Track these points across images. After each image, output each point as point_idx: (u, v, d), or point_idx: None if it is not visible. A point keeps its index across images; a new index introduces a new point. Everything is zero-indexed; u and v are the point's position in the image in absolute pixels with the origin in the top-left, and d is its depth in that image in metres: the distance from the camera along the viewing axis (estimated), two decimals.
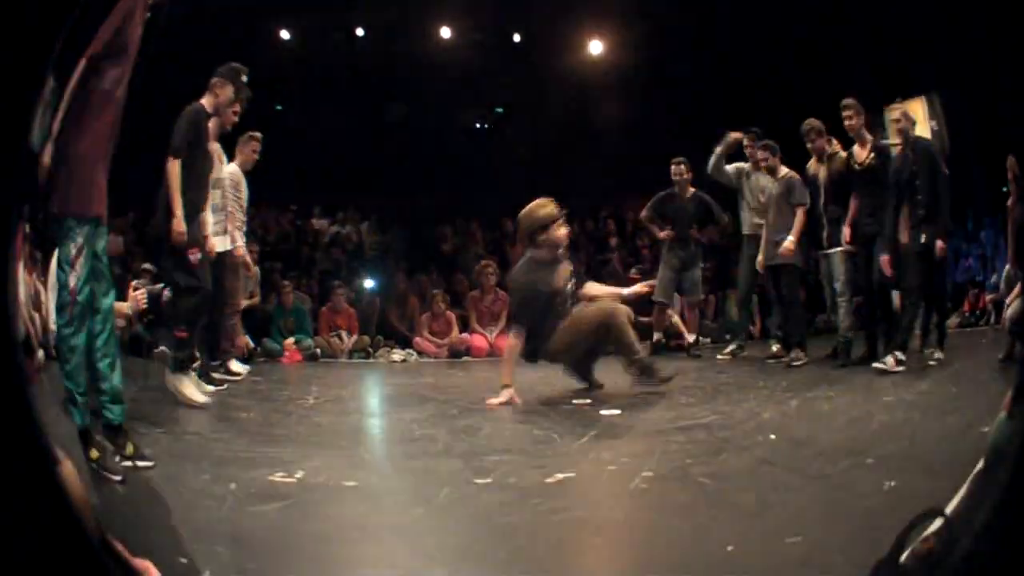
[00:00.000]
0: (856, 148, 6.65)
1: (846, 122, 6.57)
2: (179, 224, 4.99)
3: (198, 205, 5.28)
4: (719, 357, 7.62)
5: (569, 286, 5.67)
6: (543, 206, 5.66)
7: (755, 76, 10.65)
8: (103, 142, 3.44)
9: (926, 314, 6.51)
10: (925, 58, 8.62)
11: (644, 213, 8.22)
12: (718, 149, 7.68)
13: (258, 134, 6.82)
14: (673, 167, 7.97)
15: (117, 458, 3.44)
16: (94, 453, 3.33)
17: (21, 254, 2.12)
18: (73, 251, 3.38)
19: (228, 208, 6.36)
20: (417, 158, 12.42)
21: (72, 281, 3.37)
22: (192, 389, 5.15)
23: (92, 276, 3.46)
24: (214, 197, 5.99)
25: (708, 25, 10.87)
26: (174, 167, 5.01)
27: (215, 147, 5.93)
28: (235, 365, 6.67)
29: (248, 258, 6.66)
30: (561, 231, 5.64)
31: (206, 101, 5.31)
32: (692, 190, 7.98)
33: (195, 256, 5.09)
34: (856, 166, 6.59)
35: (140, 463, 3.55)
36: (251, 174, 6.78)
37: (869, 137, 6.62)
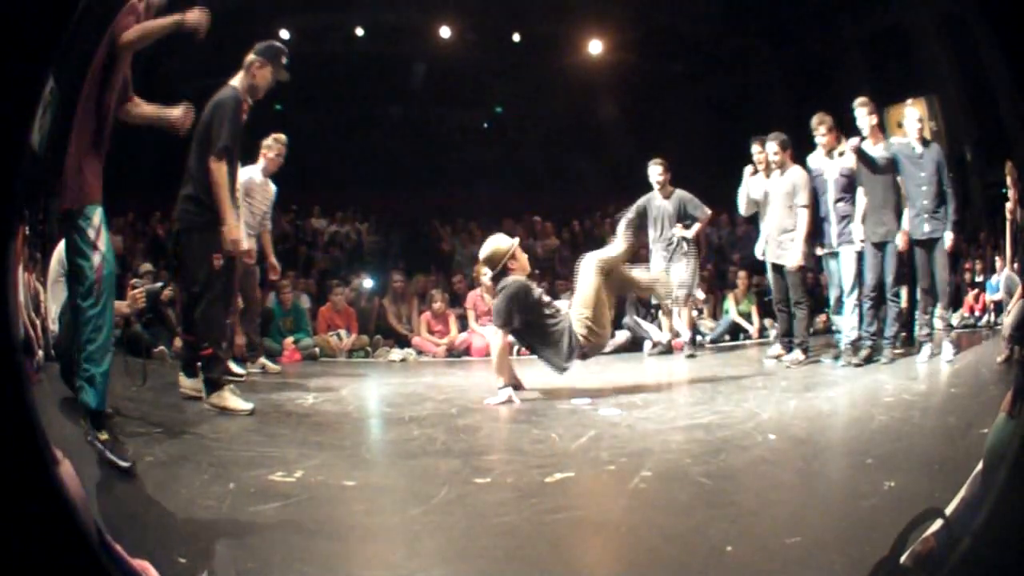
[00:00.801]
0: (869, 145, 6.62)
1: (859, 122, 6.56)
2: (236, 231, 4.77)
3: (234, 206, 5.02)
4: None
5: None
6: (501, 241, 5.95)
7: (755, 76, 10.65)
8: (105, 137, 3.47)
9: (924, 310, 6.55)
10: (925, 58, 8.60)
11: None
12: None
13: (283, 136, 6.70)
14: (650, 168, 7.89)
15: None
16: (104, 435, 3.33)
17: (21, 255, 2.12)
18: (92, 233, 3.39)
19: (252, 209, 6.37)
20: (416, 158, 12.42)
21: (97, 259, 3.38)
22: (234, 399, 4.89)
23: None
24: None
25: (708, 25, 10.87)
26: (221, 168, 4.71)
27: None
28: (234, 366, 6.67)
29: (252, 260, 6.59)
30: (524, 255, 5.95)
31: (239, 83, 4.97)
32: (672, 189, 7.90)
33: (219, 262, 4.86)
34: (868, 163, 6.56)
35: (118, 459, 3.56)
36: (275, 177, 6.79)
37: (882, 135, 6.61)
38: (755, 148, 7.39)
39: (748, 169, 7.44)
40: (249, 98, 5.02)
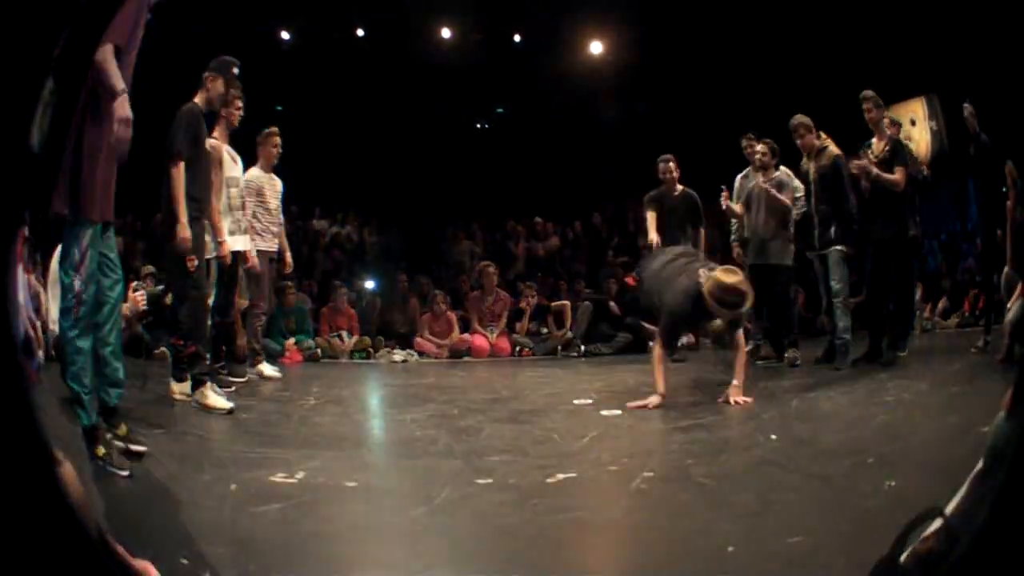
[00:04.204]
0: (874, 141, 6.59)
1: (866, 114, 6.52)
2: (184, 230, 4.93)
3: (203, 207, 5.25)
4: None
5: None
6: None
7: (755, 75, 10.66)
8: (111, 146, 3.45)
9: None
10: (925, 58, 8.61)
11: (647, 211, 7.83)
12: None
13: (275, 128, 6.79)
14: (661, 165, 7.74)
15: (109, 436, 3.50)
16: (101, 450, 3.36)
17: (21, 255, 2.13)
18: (78, 255, 3.38)
19: (249, 210, 6.37)
20: (418, 158, 12.43)
21: (77, 285, 3.38)
22: (216, 398, 5.02)
23: (100, 271, 3.48)
24: (230, 197, 5.99)
25: (708, 24, 10.87)
26: (177, 171, 4.96)
27: (224, 147, 5.91)
28: (266, 368, 6.70)
29: (255, 260, 6.58)
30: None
31: (199, 98, 5.29)
32: (681, 187, 7.76)
33: (192, 263, 5.01)
34: (873, 159, 6.53)
35: (133, 446, 3.59)
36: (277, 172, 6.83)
37: (887, 131, 6.57)
38: (744, 143, 7.41)
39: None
40: (211, 109, 5.44)
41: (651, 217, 7.74)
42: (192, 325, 5.12)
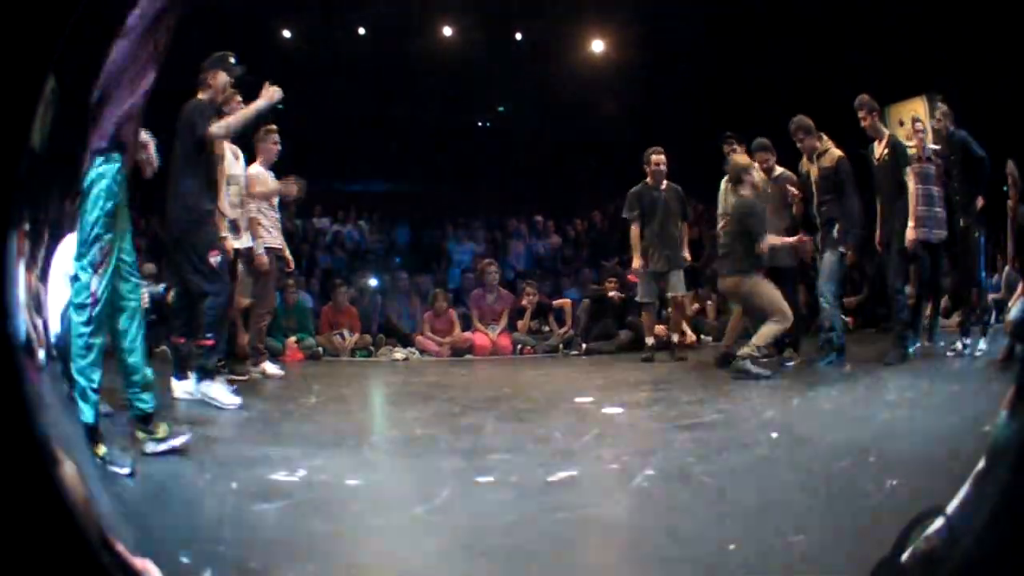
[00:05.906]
0: (874, 144, 6.58)
1: (862, 122, 6.50)
2: (223, 204, 5.15)
3: (212, 203, 5.25)
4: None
5: None
6: None
7: (756, 74, 10.64)
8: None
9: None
10: (925, 58, 8.58)
11: (628, 213, 7.63)
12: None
13: (273, 126, 6.76)
14: (655, 157, 7.49)
15: (146, 438, 3.61)
16: (101, 449, 3.35)
17: (22, 254, 2.13)
18: (99, 255, 3.39)
19: (250, 207, 6.36)
20: (419, 156, 12.43)
21: (95, 284, 3.37)
22: (224, 393, 5.03)
23: (118, 275, 3.49)
24: (230, 194, 5.98)
25: (710, 23, 10.86)
26: (206, 154, 5.04)
27: (226, 144, 5.89)
28: (269, 367, 6.70)
29: (265, 259, 6.52)
30: None
31: (204, 95, 5.27)
32: (666, 182, 7.56)
33: (215, 258, 5.02)
34: (874, 162, 6.54)
35: (177, 442, 3.69)
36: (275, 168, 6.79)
37: (886, 132, 6.56)
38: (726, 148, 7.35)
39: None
40: (216, 104, 5.40)
41: (636, 234, 7.52)
42: (213, 319, 5.11)
